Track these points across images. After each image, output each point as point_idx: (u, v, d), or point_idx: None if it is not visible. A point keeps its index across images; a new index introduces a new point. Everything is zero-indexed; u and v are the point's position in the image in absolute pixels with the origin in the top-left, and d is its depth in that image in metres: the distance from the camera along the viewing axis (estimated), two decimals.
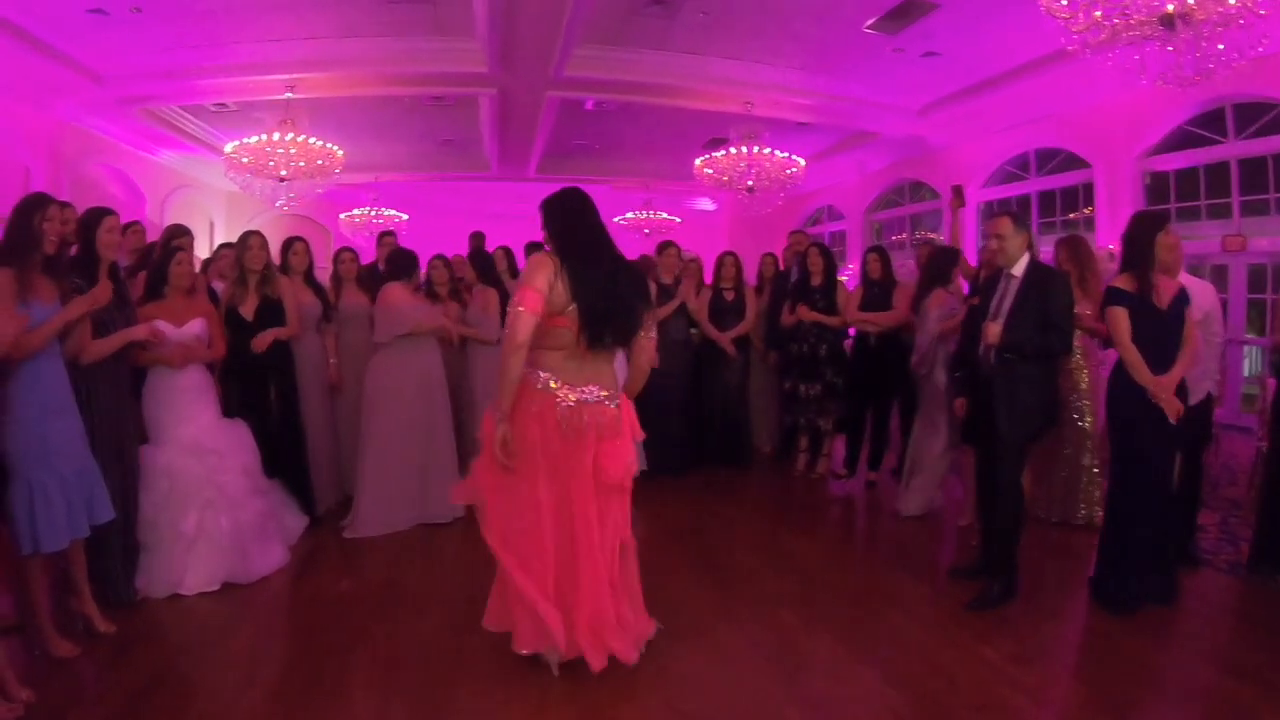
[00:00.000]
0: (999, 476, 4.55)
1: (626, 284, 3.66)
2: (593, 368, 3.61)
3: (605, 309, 3.54)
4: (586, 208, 3.72)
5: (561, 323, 3.50)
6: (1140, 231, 4.42)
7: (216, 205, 16.48)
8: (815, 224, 18.33)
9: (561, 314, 3.49)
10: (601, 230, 3.72)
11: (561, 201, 3.75)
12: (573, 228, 3.68)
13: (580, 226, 3.68)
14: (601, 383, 3.62)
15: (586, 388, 3.58)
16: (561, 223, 3.70)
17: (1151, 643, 4.00)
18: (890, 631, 4.24)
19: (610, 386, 3.66)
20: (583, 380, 3.58)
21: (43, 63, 9.57)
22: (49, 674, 3.60)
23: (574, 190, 3.80)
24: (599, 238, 3.69)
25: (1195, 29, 5.68)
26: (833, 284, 7.31)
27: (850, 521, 6.72)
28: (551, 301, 3.48)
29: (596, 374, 3.61)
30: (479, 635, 3.89)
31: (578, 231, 3.67)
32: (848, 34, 9.73)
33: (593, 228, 3.69)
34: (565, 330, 3.52)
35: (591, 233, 3.68)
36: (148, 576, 4.51)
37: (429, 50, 10.00)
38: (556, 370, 3.57)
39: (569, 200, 3.75)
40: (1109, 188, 11.03)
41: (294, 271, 6.07)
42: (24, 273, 3.63)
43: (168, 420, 4.68)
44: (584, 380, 3.58)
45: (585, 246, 3.62)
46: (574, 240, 3.64)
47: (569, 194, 3.77)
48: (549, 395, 3.56)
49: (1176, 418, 4.24)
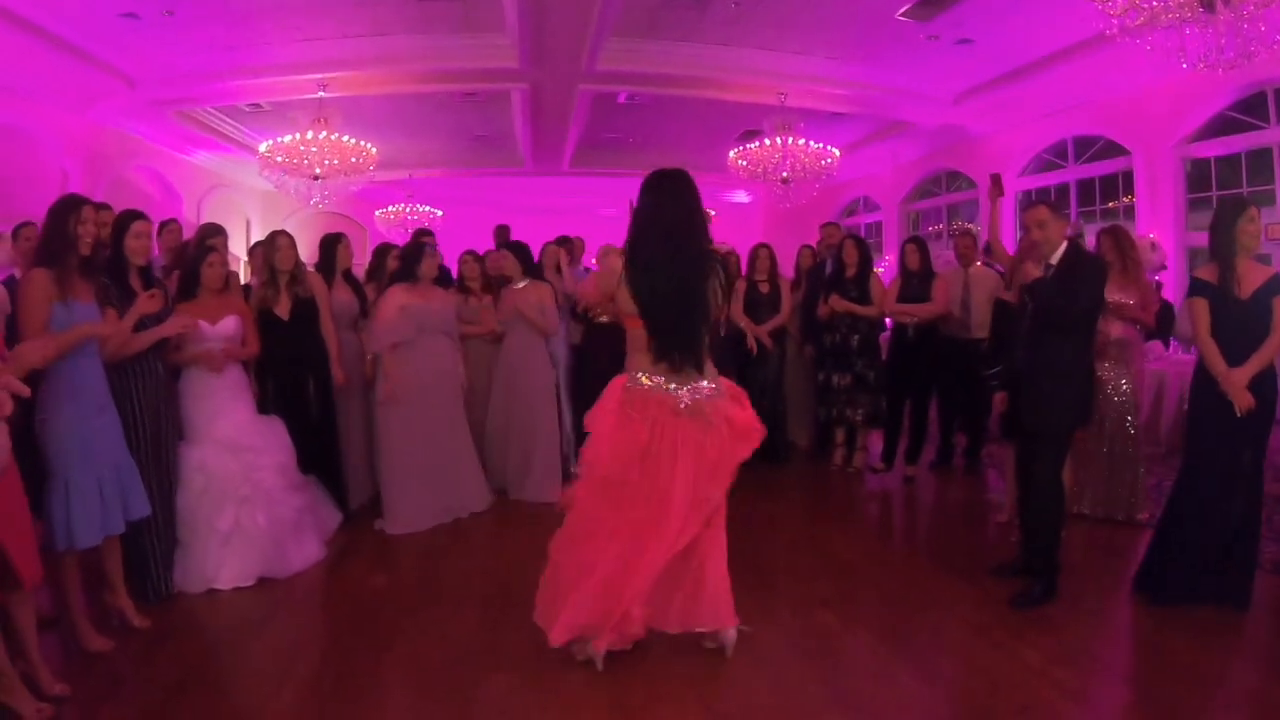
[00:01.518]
0: (1036, 472, 4.47)
1: (686, 300, 3.50)
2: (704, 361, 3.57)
3: (671, 324, 3.47)
4: (661, 200, 3.56)
5: (639, 325, 3.47)
6: (1222, 219, 4.27)
7: (252, 204, 16.63)
8: (851, 215, 18.17)
9: (635, 316, 3.46)
10: (674, 228, 3.53)
11: (642, 192, 3.61)
12: (638, 228, 3.57)
13: (646, 226, 3.56)
14: (705, 378, 3.56)
15: (697, 385, 3.53)
16: (632, 222, 3.60)
17: (1197, 645, 3.88)
18: (930, 631, 4.17)
19: (713, 379, 3.59)
20: (686, 378, 3.52)
21: (77, 67, 9.69)
22: (84, 668, 3.64)
23: (655, 177, 3.62)
24: (667, 239, 3.51)
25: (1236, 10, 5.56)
26: (867, 275, 7.23)
27: (888, 517, 6.64)
28: (621, 304, 3.44)
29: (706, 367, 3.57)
30: (513, 631, 3.90)
31: (643, 231, 3.56)
32: (880, 22, 9.61)
33: (663, 226, 3.53)
34: (644, 333, 3.48)
35: (658, 232, 3.53)
36: (183, 572, 4.54)
37: (460, 47, 10.00)
38: (655, 371, 3.52)
39: (644, 193, 3.60)
40: (1149, 175, 10.81)
41: (337, 267, 6.11)
42: (62, 273, 3.70)
43: (203, 418, 4.72)
44: (687, 379, 3.52)
45: (649, 250, 3.52)
46: (635, 245, 3.55)
47: (648, 182, 3.61)
48: (665, 396, 3.50)
49: (1243, 412, 4.11)
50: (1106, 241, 5.76)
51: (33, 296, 3.64)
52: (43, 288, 3.65)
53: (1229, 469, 4.21)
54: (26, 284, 3.72)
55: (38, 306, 3.62)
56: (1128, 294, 5.54)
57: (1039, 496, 4.47)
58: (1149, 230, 10.24)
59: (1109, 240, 5.76)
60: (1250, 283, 4.13)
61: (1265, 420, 4.22)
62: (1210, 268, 4.26)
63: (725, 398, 3.59)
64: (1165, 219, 10.51)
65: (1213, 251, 4.31)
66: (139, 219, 4.37)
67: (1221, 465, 4.22)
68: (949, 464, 7.58)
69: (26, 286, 3.70)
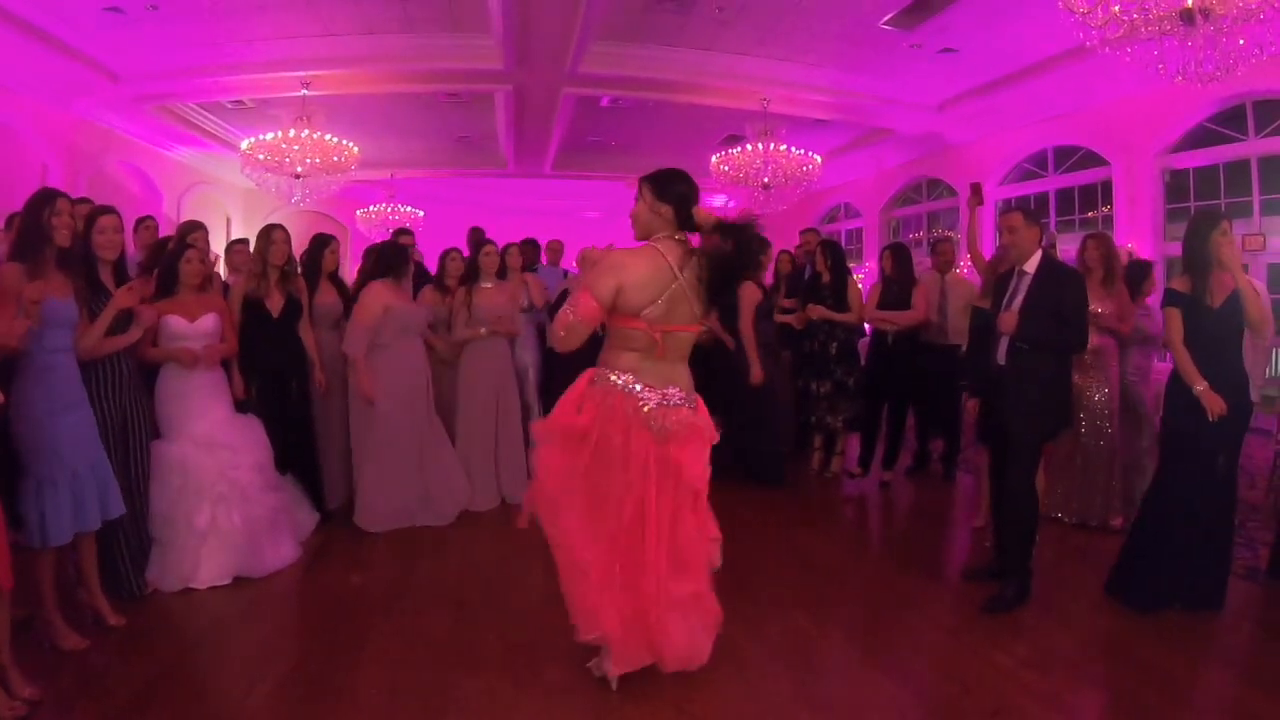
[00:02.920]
0: (1010, 477, 4.51)
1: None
2: (670, 369, 3.49)
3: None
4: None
5: (639, 325, 3.41)
6: (1196, 231, 4.35)
7: (233, 201, 16.57)
8: (832, 221, 18.26)
9: (636, 316, 3.40)
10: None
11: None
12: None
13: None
14: (680, 384, 3.51)
15: (668, 390, 3.46)
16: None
17: (1168, 649, 3.93)
18: (904, 634, 4.20)
19: (688, 388, 3.54)
20: (663, 383, 3.46)
21: (60, 60, 9.65)
22: (58, 666, 3.61)
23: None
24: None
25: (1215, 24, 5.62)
26: (843, 280, 7.25)
27: (864, 522, 6.67)
28: (623, 304, 3.39)
29: (675, 376, 3.51)
30: (488, 632, 3.94)
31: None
32: (864, 30, 9.69)
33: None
34: (641, 333, 3.42)
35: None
36: (160, 570, 4.51)
37: (444, 47, 10.02)
38: (637, 372, 3.45)
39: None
40: (1128, 186, 10.94)
41: (324, 270, 6.10)
42: (36, 268, 3.66)
43: (181, 415, 4.70)
44: (664, 383, 3.46)
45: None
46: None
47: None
48: (631, 398, 3.43)
49: (1215, 417, 4.17)
50: (1093, 248, 5.79)
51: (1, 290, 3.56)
52: (12, 282, 3.58)
53: (1203, 474, 4.27)
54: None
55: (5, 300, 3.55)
56: (1105, 304, 5.59)
57: (1013, 501, 4.51)
58: (1127, 240, 10.34)
59: (1097, 248, 5.79)
60: (1221, 291, 4.23)
61: (1239, 425, 4.31)
62: (1183, 279, 4.35)
63: (689, 412, 3.51)
64: (1144, 229, 10.63)
65: (1186, 263, 4.39)
66: (106, 214, 4.28)
67: (1196, 470, 4.28)
68: (925, 469, 7.62)
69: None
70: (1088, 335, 4.57)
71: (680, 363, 3.55)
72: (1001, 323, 4.48)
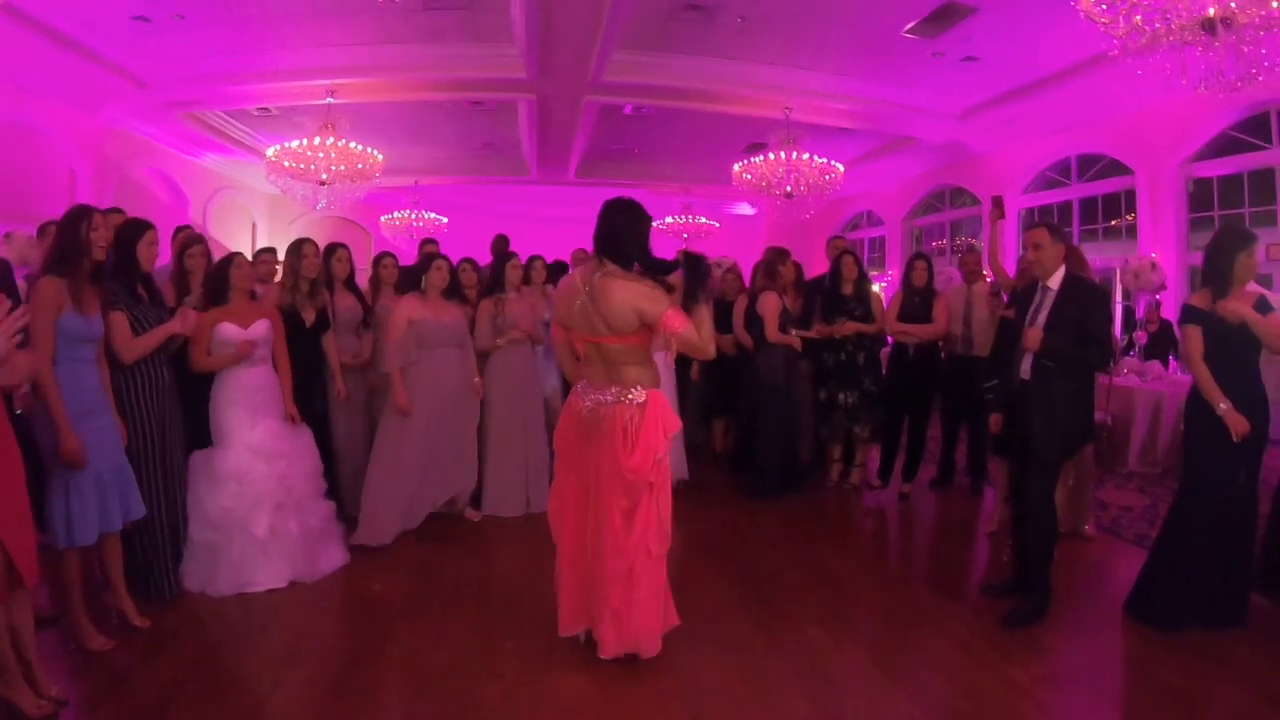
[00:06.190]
0: (1030, 491, 4.50)
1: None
2: (616, 372, 3.74)
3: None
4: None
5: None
6: (1222, 247, 4.28)
7: (259, 207, 16.72)
8: (854, 229, 18.23)
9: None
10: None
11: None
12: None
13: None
14: (624, 384, 3.73)
15: (607, 390, 3.75)
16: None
17: (1182, 668, 3.90)
18: (920, 649, 4.19)
19: (637, 385, 3.74)
20: (604, 384, 3.76)
21: (88, 68, 9.80)
22: (83, 666, 3.70)
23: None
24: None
25: (1237, 33, 5.60)
26: (867, 290, 7.23)
27: (883, 535, 6.64)
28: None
29: (619, 377, 3.74)
30: (507, 638, 4.00)
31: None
32: (887, 38, 9.69)
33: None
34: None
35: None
36: (209, 574, 4.62)
37: (468, 56, 10.10)
38: (587, 376, 3.86)
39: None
40: (1151, 194, 10.88)
41: (335, 278, 6.15)
42: (74, 282, 3.76)
43: (235, 423, 4.79)
44: (606, 384, 3.75)
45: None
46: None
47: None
48: (576, 399, 3.87)
49: (1239, 437, 4.15)
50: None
51: (41, 304, 3.67)
52: (51, 296, 3.70)
53: (1226, 491, 4.24)
54: (36, 292, 3.74)
55: (45, 314, 3.66)
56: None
57: (1034, 516, 4.49)
58: (1151, 249, 10.28)
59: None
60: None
61: (1259, 441, 4.26)
62: (1203, 294, 4.30)
63: (634, 408, 3.72)
64: (1167, 238, 10.55)
65: (1206, 276, 4.34)
66: (151, 228, 4.45)
67: (1218, 488, 4.25)
68: (950, 482, 7.54)
69: (35, 294, 3.72)
70: (1112, 353, 4.53)
71: (631, 365, 3.75)
72: (1027, 339, 4.45)
